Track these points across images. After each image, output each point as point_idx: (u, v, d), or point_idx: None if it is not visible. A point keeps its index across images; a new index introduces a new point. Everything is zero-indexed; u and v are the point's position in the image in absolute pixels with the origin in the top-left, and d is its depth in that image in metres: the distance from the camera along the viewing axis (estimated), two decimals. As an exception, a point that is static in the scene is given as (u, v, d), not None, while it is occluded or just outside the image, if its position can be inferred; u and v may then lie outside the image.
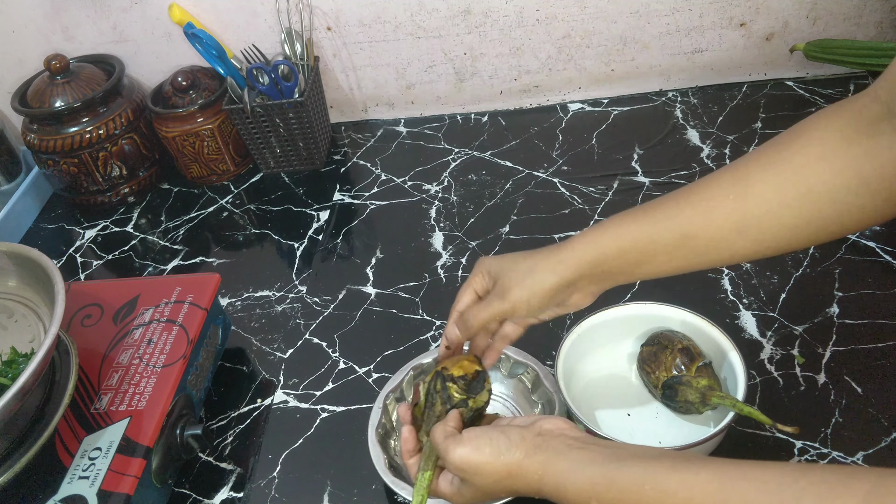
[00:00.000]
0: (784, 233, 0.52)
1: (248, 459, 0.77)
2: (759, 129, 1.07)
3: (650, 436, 0.70)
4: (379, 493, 0.72)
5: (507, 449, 0.52)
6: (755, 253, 0.54)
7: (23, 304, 0.75)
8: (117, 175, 1.13)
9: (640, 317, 0.74)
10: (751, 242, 0.53)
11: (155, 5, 1.12)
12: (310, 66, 1.11)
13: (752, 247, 0.53)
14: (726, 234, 0.53)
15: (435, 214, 1.04)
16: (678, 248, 0.55)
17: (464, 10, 1.09)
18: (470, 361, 0.61)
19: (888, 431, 0.69)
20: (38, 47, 1.17)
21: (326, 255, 1.01)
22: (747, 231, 0.52)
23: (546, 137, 1.13)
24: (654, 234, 0.55)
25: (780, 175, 0.51)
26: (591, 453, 0.49)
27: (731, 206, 0.53)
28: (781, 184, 0.51)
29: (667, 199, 0.56)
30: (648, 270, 0.57)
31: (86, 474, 0.65)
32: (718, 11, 1.08)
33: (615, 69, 1.16)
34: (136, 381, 0.73)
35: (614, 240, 0.57)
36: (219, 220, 1.10)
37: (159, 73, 1.19)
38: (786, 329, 0.80)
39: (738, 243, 0.53)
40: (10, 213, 1.13)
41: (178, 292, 0.83)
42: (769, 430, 0.70)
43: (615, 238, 0.57)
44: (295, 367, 0.86)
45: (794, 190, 0.50)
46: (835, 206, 0.50)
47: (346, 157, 1.17)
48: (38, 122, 1.09)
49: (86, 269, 1.06)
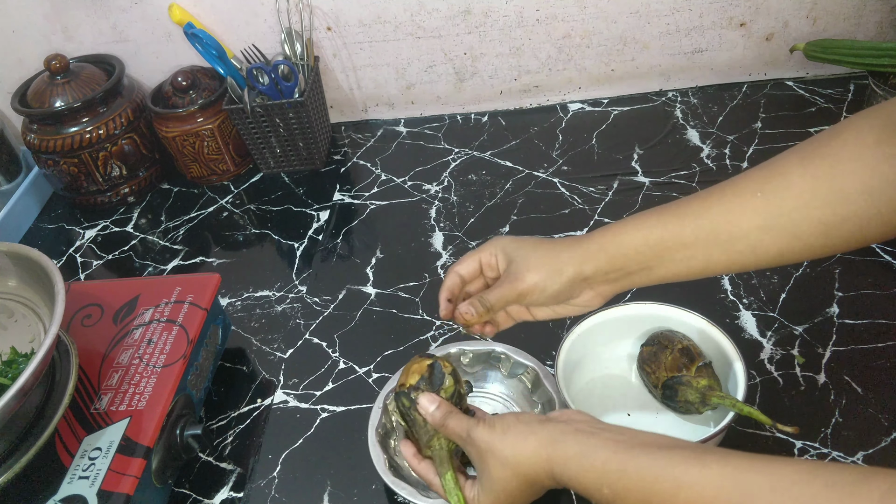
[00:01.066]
0: (813, 231, 0.50)
1: (248, 459, 0.77)
2: (759, 129, 1.07)
3: (650, 436, 0.70)
4: (379, 493, 0.72)
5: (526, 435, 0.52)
6: (779, 254, 0.52)
7: (23, 304, 0.75)
8: (117, 175, 1.13)
9: (640, 317, 0.74)
10: (777, 241, 0.51)
11: (155, 5, 1.12)
12: (310, 66, 1.11)
13: (777, 246, 0.52)
14: (752, 231, 0.52)
15: (435, 214, 1.04)
16: (701, 246, 0.53)
17: (464, 10, 1.09)
18: (417, 363, 0.60)
19: (888, 431, 0.69)
20: (38, 47, 1.17)
21: (326, 255, 1.01)
22: (775, 229, 0.51)
23: (546, 137, 1.13)
24: (678, 231, 0.54)
25: (817, 170, 0.50)
26: (602, 439, 0.49)
27: (760, 203, 0.51)
28: (816, 179, 0.50)
29: (693, 198, 0.55)
30: (668, 270, 0.55)
31: (86, 474, 0.65)
32: (718, 11, 1.08)
33: (615, 69, 1.16)
34: (136, 381, 0.73)
35: (637, 234, 0.55)
36: (219, 220, 1.10)
37: (159, 73, 1.19)
38: (786, 329, 0.80)
39: (765, 242, 0.51)
40: (10, 213, 1.13)
41: (178, 292, 0.83)
42: (769, 430, 0.70)
43: (638, 232, 0.55)
44: (295, 367, 0.86)
45: (829, 186, 0.49)
46: (867, 207, 0.48)
47: (346, 157, 1.17)
48: (38, 122, 1.09)
49: (86, 269, 1.06)
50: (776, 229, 0.51)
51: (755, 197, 0.51)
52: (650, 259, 0.55)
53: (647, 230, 0.55)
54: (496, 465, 0.53)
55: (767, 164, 0.53)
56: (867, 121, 0.50)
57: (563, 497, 0.69)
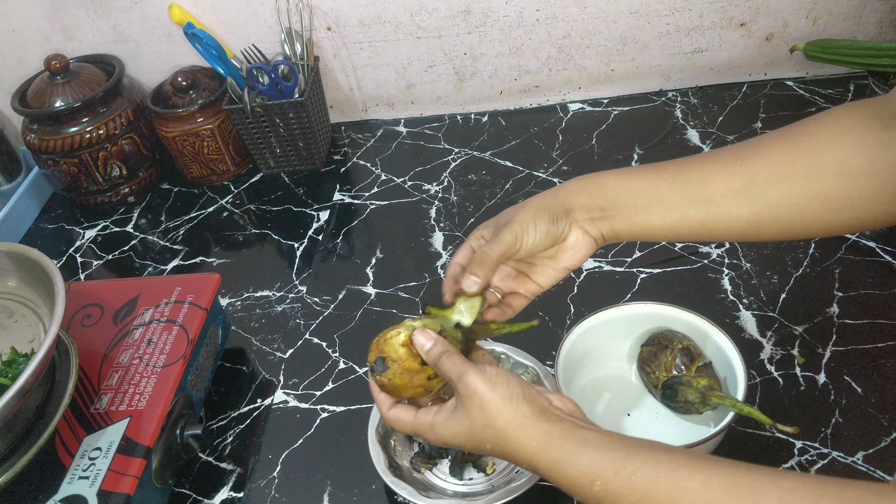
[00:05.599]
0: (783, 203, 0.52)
1: (248, 459, 0.77)
2: (759, 129, 1.07)
3: (650, 436, 0.69)
4: (379, 493, 0.72)
5: (519, 397, 0.50)
6: (749, 222, 0.53)
7: (23, 304, 0.75)
8: (117, 175, 1.13)
9: (640, 317, 0.74)
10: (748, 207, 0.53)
11: (155, 5, 1.12)
12: (310, 66, 1.11)
13: (748, 212, 0.53)
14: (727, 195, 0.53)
15: (435, 214, 1.04)
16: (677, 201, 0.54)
17: (464, 10, 1.09)
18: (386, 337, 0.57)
19: (888, 431, 0.69)
20: (38, 47, 1.17)
21: (326, 255, 1.01)
22: (748, 195, 0.52)
23: (546, 137, 1.13)
24: (657, 183, 0.55)
25: (795, 146, 0.51)
26: (600, 436, 0.48)
27: (738, 168, 0.53)
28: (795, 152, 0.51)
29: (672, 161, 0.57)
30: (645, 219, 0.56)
31: (86, 474, 0.65)
32: (718, 11, 1.08)
33: (615, 69, 1.16)
34: (136, 381, 0.73)
35: (616, 180, 0.57)
36: (219, 220, 1.10)
37: (159, 73, 1.19)
38: (786, 329, 0.80)
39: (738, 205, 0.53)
40: (10, 213, 1.13)
41: (178, 292, 0.83)
42: (769, 430, 0.70)
43: (617, 179, 0.57)
44: (295, 367, 0.86)
45: (803, 160, 0.51)
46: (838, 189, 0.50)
47: (346, 157, 1.17)
48: (38, 122, 1.09)
49: (86, 269, 1.06)
50: (749, 196, 0.52)
51: (734, 163, 0.53)
52: (628, 204, 0.56)
53: (625, 178, 0.57)
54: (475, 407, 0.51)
55: (749, 140, 0.55)
56: (852, 108, 0.52)
57: (563, 497, 0.69)
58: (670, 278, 0.88)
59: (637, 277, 0.88)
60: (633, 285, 0.87)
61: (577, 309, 0.85)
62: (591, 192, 0.57)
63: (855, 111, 0.51)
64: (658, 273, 0.88)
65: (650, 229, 0.56)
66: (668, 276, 0.88)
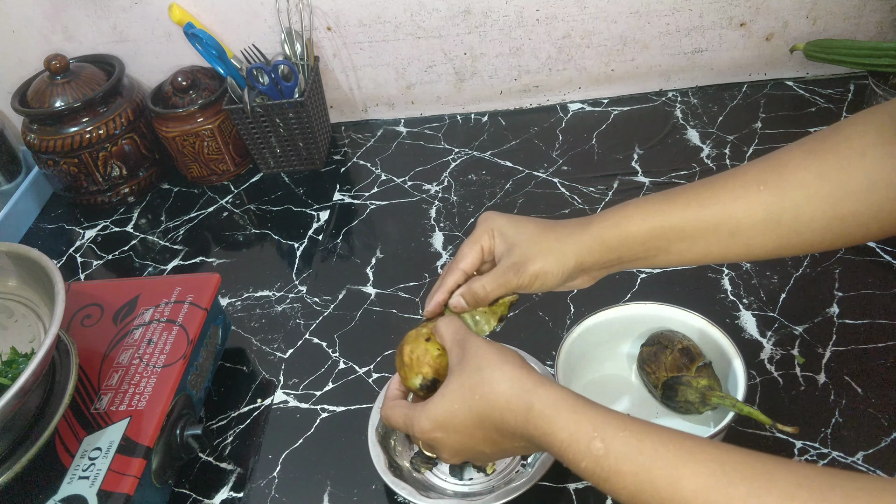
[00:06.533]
0: (814, 227, 0.50)
1: (248, 459, 0.77)
2: (759, 129, 1.07)
3: (650, 436, 0.70)
4: (379, 493, 0.72)
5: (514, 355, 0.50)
6: (776, 249, 0.52)
7: (23, 304, 0.75)
8: (117, 175, 1.13)
9: (640, 317, 0.74)
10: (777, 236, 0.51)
11: (155, 5, 1.12)
12: (310, 66, 1.11)
13: (776, 242, 0.51)
14: (755, 226, 0.51)
15: (435, 214, 1.04)
16: (701, 238, 0.53)
17: (464, 10, 1.09)
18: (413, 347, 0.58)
19: (888, 431, 0.69)
20: (38, 47, 1.17)
21: (326, 255, 1.01)
22: (779, 221, 0.50)
23: (546, 137, 1.13)
24: (681, 222, 0.53)
25: (822, 165, 0.49)
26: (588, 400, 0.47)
27: (763, 196, 0.51)
28: (823, 171, 0.49)
29: (692, 188, 0.54)
30: (664, 259, 0.55)
31: (86, 474, 0.65)
32: (718, 11, 1.08)
33: (615, 69, 1.16)
34: (136, 381, 0.73)
35: (642, 224, 0.54)
36: (219, 220, 1.10)
37: (159, 73, 1.19)
38: (786, 329, 0.80)
39: (765, 236, 0.51)
40: (10, 213, 1.13)
41: (178, 292, 0.83)
42: (769, 430, 0.70)
43: (643, 223, 0.54)
44: (295, 367, 0.86)
45: (834, 182, 0.49)
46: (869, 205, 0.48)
47: (346, 157, 1.17)
48: (38, 122, 1.09)
49: (86, 269, 1.06)
50: (777, 224, 0.51)
51: (758, 191, 0.51)
52: (650, 249, 0.55)
53: (651, 220, 0.54)
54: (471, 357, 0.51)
55: (771, 157, 0.52)
56: (868, 118, 0.50)
57: (563, 497, 0.69)
58: (670, 278, 0.88)
59: (637, 277, 0.88)
60: (633, 285, 0.87)
61: (577, 309, 0.85)
62: (612, 244, 0.55)
63: (874, 120, 0.49)
64: (658, 273, 0.88)
65: (667, 265, 0.56)
66: (668, 276, 0.88)
